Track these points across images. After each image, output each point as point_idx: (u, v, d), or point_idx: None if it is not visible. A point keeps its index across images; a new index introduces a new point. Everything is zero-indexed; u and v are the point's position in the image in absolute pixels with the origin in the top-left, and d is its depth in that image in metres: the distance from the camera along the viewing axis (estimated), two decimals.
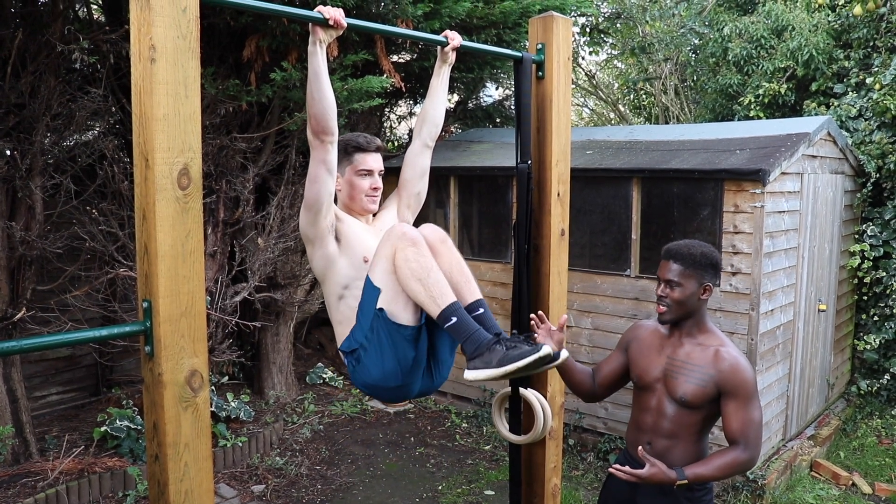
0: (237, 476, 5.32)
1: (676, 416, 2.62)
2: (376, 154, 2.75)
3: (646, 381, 2.71)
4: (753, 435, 2.53)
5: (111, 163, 5.16)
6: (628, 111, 14.16)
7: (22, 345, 1.80)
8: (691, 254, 2.61)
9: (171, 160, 1.87)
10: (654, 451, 2.64)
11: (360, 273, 2.64)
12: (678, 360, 2.64)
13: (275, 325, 6.65)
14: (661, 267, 2.67)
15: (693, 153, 5.39)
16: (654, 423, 2.67)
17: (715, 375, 2.55)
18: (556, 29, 3.03)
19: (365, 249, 2.67)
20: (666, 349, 2.70)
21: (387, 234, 2.47)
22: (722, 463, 2.51)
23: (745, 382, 2.53)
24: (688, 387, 2.58)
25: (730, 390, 2.54)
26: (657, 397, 2.68)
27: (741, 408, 2.53)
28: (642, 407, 2.73)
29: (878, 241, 6.73)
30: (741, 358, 2.58)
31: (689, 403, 2.58)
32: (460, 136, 7.82)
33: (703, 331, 2.67)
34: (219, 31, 5.34)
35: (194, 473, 1.97)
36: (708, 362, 2.57)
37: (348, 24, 2.34)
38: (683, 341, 2.67)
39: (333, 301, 2.69)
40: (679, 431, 2.63)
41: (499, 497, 5.07)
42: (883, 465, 5.80)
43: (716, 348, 2.60)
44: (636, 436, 2.75)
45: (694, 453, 2.64)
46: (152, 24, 1.81)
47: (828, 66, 7.96)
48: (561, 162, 3.14)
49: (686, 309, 2.61)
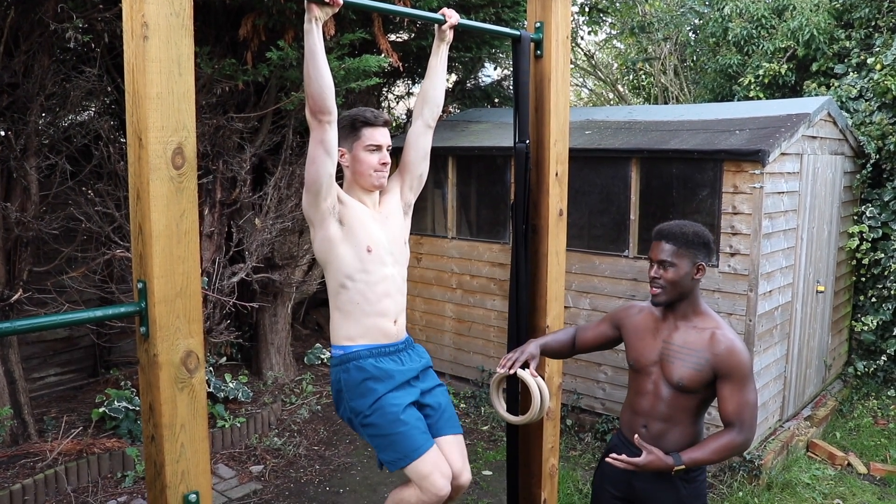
0: (235, 457, 5.33)
1: (673, 400, 2.61)
2: (384, 128, 2.71)
3: (642, 365, 2.69)
4: (749, 417, 2.53)
5: (107, 143, 5.13)
6: (627, 91, 14.10)
7: (16, 326, 1.79)
8: (684, 233, 2.59)
9: (165, 139, 1.85)
10: (651, 435, 2.63)
11: (364, 265, 2.62)
12: (674, 345, 2.61)
13: (272, 306, 6.64)
14: (652, 248, 2.64)
15: (692, 133, 5.36)
16: (651, 406, 2.66)
17: (711, 359, 2.53)
18: (555, 7, 3.00)
19: (369, 238, 2.65)
20: (661, 333, 2.67)
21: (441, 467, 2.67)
22: (718, 446, 2.51)
23: (741, 365, 2.52)
24: (684, 371, 2.56)
25: (726, 373, 2.53)
26: (653, 381, 2.66)
27: (737, 390, 2.52)
28: (638, 390, 2.72)
29: (876, 223, 6.72)
30: (737, 340, 2.56)
31: (685, 388, 2.57)
32: (458, 116, 7.78)
33: (697, 313, 2.65)
34: (215, 10, 5.28)
35: (191, 454, 1.96)
36: (704, 346, 2.56)
37: (345, 1, 2.31)
38: (679, 325, 2.64)
39: (335, 288, 2.68)
40: (675, 415, 2.62)
41: (496, 477, 5.10)
42: (878, 445, 5.83)
43: (712, 331, 2.58)
44: (631, 418, 2.75)
45: (690, 436, 2.63)
46: (145, 1, 1.79)
47: (829, 46, 7.91)
48: (559, 142, 3.12)
49: (680, 289, 2.59)
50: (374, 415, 2.60)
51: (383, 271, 2.68)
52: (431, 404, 2.77)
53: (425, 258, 6.74)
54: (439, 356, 6.64)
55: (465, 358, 6.59)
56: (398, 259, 2.77)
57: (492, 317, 6.31)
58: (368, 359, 2.65)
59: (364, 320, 2.67)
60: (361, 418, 2.64)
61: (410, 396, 2.69)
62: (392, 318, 2.73)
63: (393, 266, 2.73)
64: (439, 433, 2.74)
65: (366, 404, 2.62)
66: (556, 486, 3.41)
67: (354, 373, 2.65)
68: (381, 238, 2.70)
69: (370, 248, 2.62)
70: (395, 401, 2.62)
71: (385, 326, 2.71)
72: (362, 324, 2.67)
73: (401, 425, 2.59)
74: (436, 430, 2.73)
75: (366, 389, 2.62)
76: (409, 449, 2.59)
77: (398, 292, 2.76)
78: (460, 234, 6.53)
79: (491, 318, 6.32)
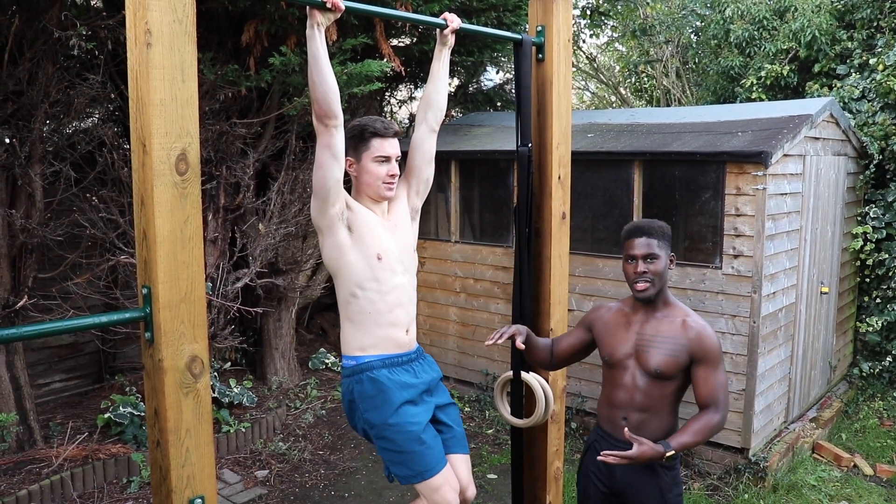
0: (241, 461, 5.34)
1: (650, 389, 2.71)
2: (394, 139, 2.70)
3: (617, 358, 2.78)
4: (723, 397, 2.66)
5: (110, 149, 5.15)
6: (629, 94, 14.09)
7: (22, 332, 1.80)
8: (659, 227, 2.74)
9: (169, 145, 1.86)
10: (631, 425, 2.71)
11: (374, 272, 2.61)
12: (647, 335, 2.73)
13: (277, 311, 6.65)
14: (631, 245, 2.73)
15: (695, 136, 5.36)
16: (630, 397, 2.75)
17: (686, 344, 2.66)
18: (557, 11, 3.01)
19: (379, 246, 2.63)
20: (634, 326, 2.78)
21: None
22: (699, 427, 2.61)
23: (713, 348, 2.66)
24: (661, 358, 2.67)
25: (700, 357, 2.66)
26: (630, 373, 2.75)
27: (710, 373, 2.66)
28: (615, 384, 2.80)
29: (880, 224, 6.71)
30: (707, 326, 2.71)
31: (663, 374, 2.68)
32: (461, 120, 7.79)
33: (667, 304, 2.78)
34: (217, 16, 5.30)
35: (196, 459, 1.97)
36: (677, 333, 2.68)
37: (346, 6, 2.32)
38: (650, 316, 2.76)
39: (345, 297, 2.66)
40: (653, 404, 2.72)
41: (501, 481, 5.09)
42: (884, 446, 5.82)
43: (682, 319, 2.72)
44: (610, 412, 2.82)
45: (669, 424, 2.74)
46: (148, 8, 1.80)
47: (831, 47, 7.90)
48: (562, 145, 3.12)
49: (664, 281, 2.73)
50: (392, 431, 2.60)
51: (394, 280, 2.67)
52: (446, 422, 2.79)
53: (429, 262, 6.74)
54: (443, 360, 6.64)
55: (468, 362, 6.59)
56: (408, 267, 2.76)
57: (495, 320, 6.31)
58: (382, 370, 2.64)
59: (376, 330, 2.65)
60: (378, 431, 2.63)
61: (427, 413, 2.69)
62: (404, 328, 2.71)
63: (403, 274, 2.71)
64: (450, 451, 2.76)
65: (382, 418, 2.61)
66: (561, 490, 3.41)
67: (368, 385, 2.63)
68: (391, 246, 2.68)
69: (380, 256, 2.61)
70: (415, 419, 2.62)
71: (397, 336, 2.69)
72: (374, 334, 2.65)
73: (419, 444, 2.60)
74: (447, 447, 2.75)
75: (381, 401, 2.61)
76: (423, 468, 2.60)
77: (409, 301, 2.74)
78: (463, 238, 6.54)
79: (495, 321, 6.32)
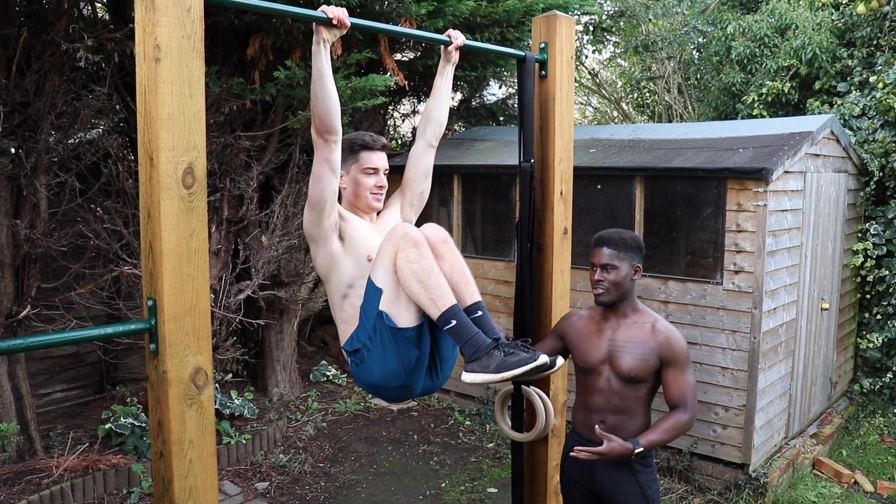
0: (241, 473, 5.34)
1: (624, 392, 2.85)
2: (382, 153, 2.76)
3: (591, 364, 2.90)
4: (691, 398, 2.81)
5: (115, 161, 5.18)
6: (631, 110, 14.15)
7: (28, 342, 1.82)
8: (622, 238, 2.87)
9: (176, 159, 1.88)
10: (608, 427, 2.83)
11: (363, 272, 2.64)
12: (619, 341, 2.86)
13: (278, 323, 6.66)
14: (594, 254, 2.90)
15: (696, 152, 5.39)
16: (605, 401, 2.87)
17: (656, 347, 2.81)
18: (560, 28, 3.04)
19: (369, 248, 2.67)
20: (606, 332, 2.91)
21: (389, 234, 2.47)
22: (668, 426, 2.75)
23: (681, 350, 2.81)
24: (633, 362, 2.81)
25: (670, 359, 2.81)
26: (604, 378, 2.88)
27: (679, 374, 2.81)
28: (590, 388, 2.92)
29: (881, 240, 6.73)
30: (675, 330, 2.87)
31: (635, 377, 2.81)
32: (464, 135, 7.82)
33: (636, 310, 2.92)
34: (223, 30, 5.35)
35: (199, 470, 1.98)
36: (647, 337, 2.83)
37: (352, 23, 2.35)
38: (620, 322, 2.90)
39: (337, 300, 2.70)
40: (627, 406, 2.86)
41: (502, 495, 5.09)
42: (885, 463, 5.80)
43: (651, 323, 2.87)
44: (586, 417, 2.93)
45: (643, 424, 2.87)
46: (157, 25, 1.83)
47: (831, 64, 7.95)
48: (564, 160, 3.15)
49: (622, 290, 2.86)
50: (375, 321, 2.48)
51: None
52: None
53: None
54: None
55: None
56: None
57: None
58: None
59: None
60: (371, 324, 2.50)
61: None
62: None
63: None
64: None
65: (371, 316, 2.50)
66: None
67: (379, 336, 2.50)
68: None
69: (370, 258, 2.65)
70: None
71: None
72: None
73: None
74: None
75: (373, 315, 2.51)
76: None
77: None
78: (465, 252, 6.56)
79: None
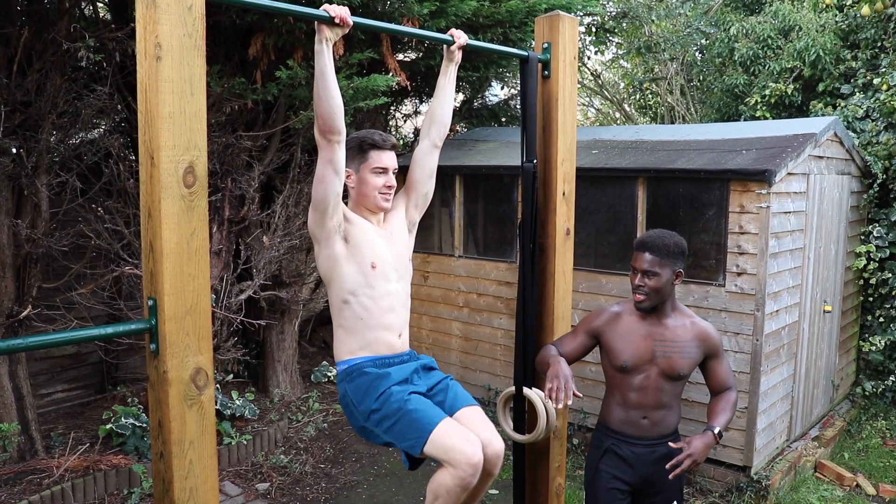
0: (242, 474, 5.32)
1: (667, 388, 2.93)
2: (391, 152, 2.75)
3: (637, 364, 2.92)
4: (733, 377, 3.05)
5: (117, 161, 5.17)
6: (634, 111, 14.14)
7: (28, 342, 1.81)
8: (665, 244, 2.85)
9: (177, 158, 1.87)
10: (652, 423, 2.95)
11: (368, 280, 2.63)
12: (667, 341, 2.91)
13: (280, 324, 6.65)
14: (635, 258, 2.90)
15: (699, 153, 5.37)
16: (646, 398, 2.93)
17: (700, 345, 2.93)
18: (563, 28, 3.03)
19: (374, 254, 2.66)
20: (649, 332, 2.93)
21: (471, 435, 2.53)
22: (730, 405, 2.94)
23: (719, 341, 3.00)
24: (684, 362, 2.90)
25: (712, 352, 2.97)
26: (646, 376, 2.93)
27: (721, 362, 3.01)
28: (630, 387, 2.95)
29: (884, 243, 6.71)
30: (710, 324, 3.03)
31: (685, 375, 2.93)
32: (466, 135, 7.82)
33: (675, 310, 2.98)
34: (224, 29, 5.34)
35: (199, 471, 1.97)
36: (691, 336, 2.93)
37: (354, 22, 2.34)
38: (663, 322, 2.94)
39: (338, 304, 2.68)
40: (668, 402, 2.96)
41: (503, 496, 5.07)
42: (887, 466, 5.78)
43: (690, 321, 2.97)
44: (627, 414, 2.98)
45: (678, 413, 3.04)
46: (158, 23, 1.82)
47: (835, 66, 7.94)
48: (566, 161, 3.14)
49: (662, 296, 2.88)
50: (383, 405, 2.54)
51: (387, 287, 2.68)
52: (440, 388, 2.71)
53: (432, 276, 6.75)
54: None
55: (471, 377, 6.57)
56: (402, 275, 2.78)
57: (498, 335, 6.31)
58: (371, 367, 2.63)
59: (367, 334, 2.66)
60: (373, 415, 2.58)
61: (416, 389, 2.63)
62: (396, 332, 2.72)
63: (397, 282, 2.74)
64: (454, 409, 2.65)
65: (372, 399, 2.57)
66: None
67: (357, 378, 2.62)
68: (386, 254, 2.71)
69: (374, 265, 2.63)
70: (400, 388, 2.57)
71: (389, 339, 2.70)
72: (365, 337, 2.66)
73: (409, 404, 2.51)
74: (449, 407, 2.64)
75: (370, 388, 2.59)
76: (423, 424, 2.48)
77: (402, 307, 2.76)
78: (467, 253, 6.55)
79: (498, 336, 6.32)
